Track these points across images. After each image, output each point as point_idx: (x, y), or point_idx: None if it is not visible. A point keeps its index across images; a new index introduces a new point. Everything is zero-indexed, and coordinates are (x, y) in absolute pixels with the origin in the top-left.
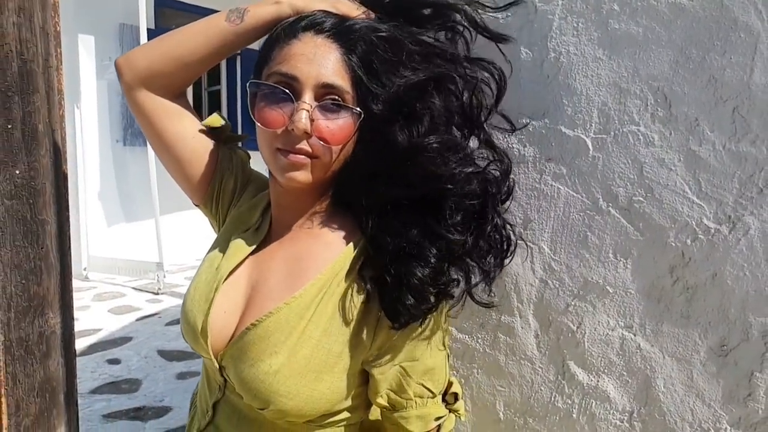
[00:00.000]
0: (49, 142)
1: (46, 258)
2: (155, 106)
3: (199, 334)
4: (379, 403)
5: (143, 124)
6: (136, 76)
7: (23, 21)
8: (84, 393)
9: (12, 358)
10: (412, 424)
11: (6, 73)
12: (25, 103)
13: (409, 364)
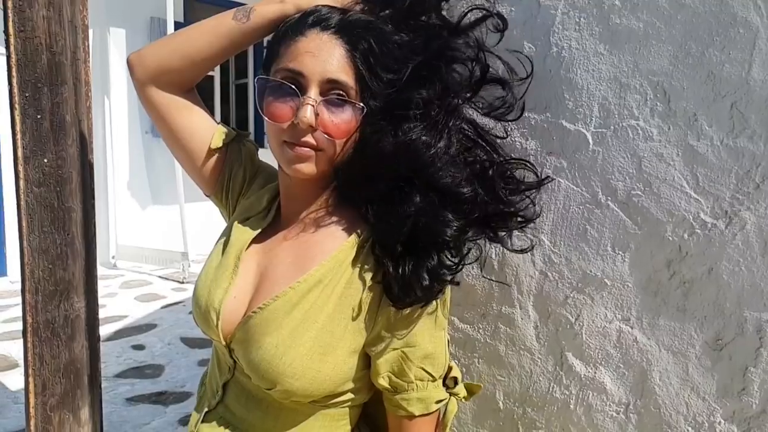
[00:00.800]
0: (76, 133)
1: (72, 244)
2: (165, 101)
3: (210, 318)
4: (381, 385)
5: (155, 119)
6: (147, 73)
7: (53, 15)
8: (109, 377)
9: (39, 340)
10: (413, 405)
11: (36, 66)
12: (53, 94)
13: (409, 349)
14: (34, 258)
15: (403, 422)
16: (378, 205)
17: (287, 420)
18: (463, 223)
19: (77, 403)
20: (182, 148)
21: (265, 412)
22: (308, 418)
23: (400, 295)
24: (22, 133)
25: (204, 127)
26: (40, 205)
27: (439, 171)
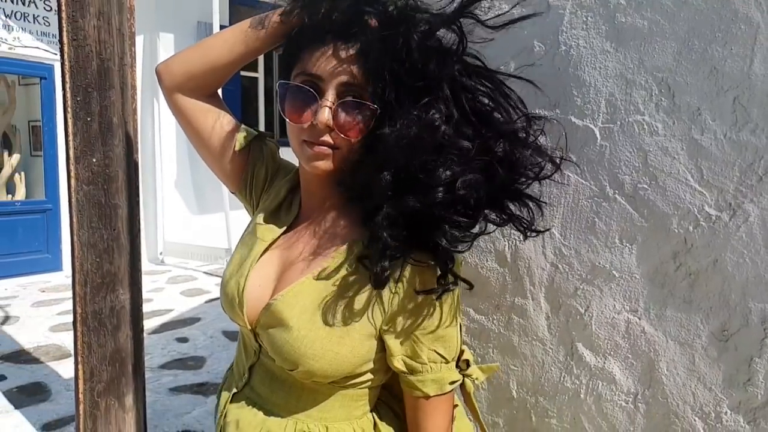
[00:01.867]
0: (122, 134)
1: (118, 239)
2: (191, 105)
3: (237, 305)
4: (396, 367)
5: (182, 123)
6: (174, 81)
7: (102, 24)
8: (154, 367)
9: (87, 329)
10: (428, 386)
11: (87, 71)
12: (102, 98)
13: (421, 333)
14: (83, 252)
15: (419, 403)
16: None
17: (308, 400)
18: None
19: (122, 389)
20: (208, 149)
21: (288, 392)
22: (328, 398)
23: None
24: (73, 135)
25: (227, 128)
26: (88, 202)
27: (421, 165)
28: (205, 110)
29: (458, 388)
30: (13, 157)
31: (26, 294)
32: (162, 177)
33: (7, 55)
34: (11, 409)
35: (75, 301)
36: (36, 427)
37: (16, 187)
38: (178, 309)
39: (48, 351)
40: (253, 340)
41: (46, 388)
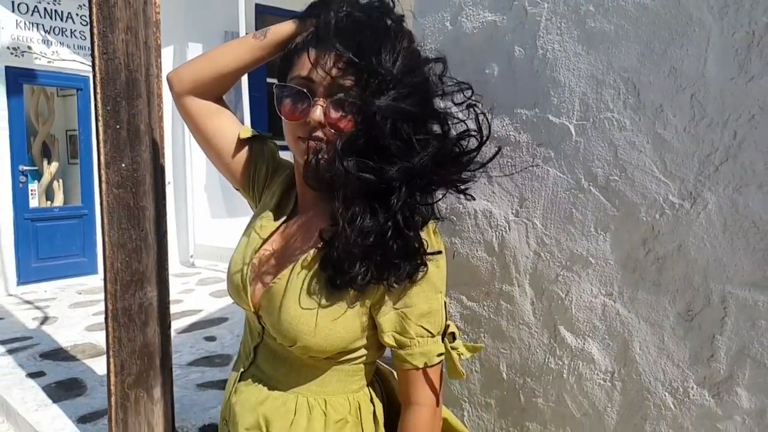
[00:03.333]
0: (149, 140)
1: (146, 239)
2: (198, 108)
3: (242, 291)
4: (387, 342)
5: (190, 125)
6: (183, 87)
7: (130, 38)
8: (182, 364)
9: (118, 325)
10: (417, 359)
11: (116, 83)
12: (130, 107)
13: (408, 309)
14: (113, 251)
15: (410, 374)
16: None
17: (308, 375)
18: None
19: (150, 382)
20: (213, 149)
21: (289, 368)
22: (326, 373)
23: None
24: (104, 142)
25: (232, 130)
26: (118, 205)
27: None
28: (211, 112)
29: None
30: (52, 165)
31: (64, 296)
32: (192, 183)
33: (47, 69)
34: (50, 402)
35: (106, 298)
36: (72, 419)
37: (55, 193)
38: (207, 309)
39: (84, 349)
40: (256, 322)
41: (82, 383)
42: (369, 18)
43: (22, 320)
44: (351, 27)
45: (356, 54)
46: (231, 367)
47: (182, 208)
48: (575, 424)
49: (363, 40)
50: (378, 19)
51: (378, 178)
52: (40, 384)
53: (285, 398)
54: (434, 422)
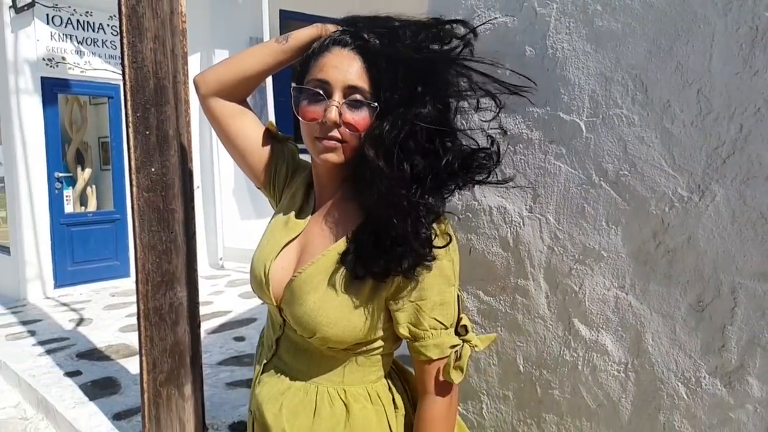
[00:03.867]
0: (177, 145)
1: (175, 241)
2: (223, 110)
3: (264, 285)
4: (402, 334)
5: (215, 126)
6: (209, 89)
7: (158, 46)
8: (212, 364)
9: (149, 324)
10: (431, 351)
11: (145, 90)
12: (159, 113)
13: (422, 302)
14: (144, 253)
15: (425, 365)
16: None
17: (327, 366)
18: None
19: (181, 380)
20: (236, 148)
21: (309, 359)
22: (344, 363)
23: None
24: (134, 147)
25: (254, 131)
26: (149, 208)
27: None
28: (234, 114)
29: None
30: (85, 172)
31: (98, 298)
32: (220, 187)
33: (80, 78)
34: (86, 400)
35: (138, 299)
36: (108, 416)
37: (89, 199)
38: (236, 310)
39: (118, 349)
40: (278, 315)
41: (117, 382)
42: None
43: (59, 322)
44: (371, 32)
45: (370, 57)
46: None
47: (211, 212)
48: (590, 414)
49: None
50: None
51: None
52: (77, 383)
53: (306, 388)
54: (449, 412)
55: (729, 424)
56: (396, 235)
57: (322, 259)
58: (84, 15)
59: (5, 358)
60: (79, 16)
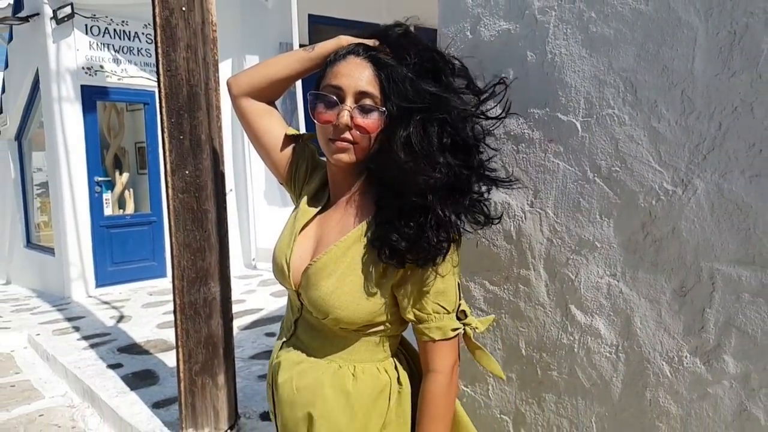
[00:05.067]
0: (210, 149)
1: (209, 239)
2: (252, 110)
3: (285, 272)
4: (408, 317)
5: (244, 123)
6: (240, 91)
7: (190, 55)
8: (245, 358)
9: (185, 317)
10: (434, 332)
11: (179, 97)
12: (192, 118)
13: (426, 289)
14: (180, 251)
15: (428, 346)
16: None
17: (340, 344)
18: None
19: (215, 370)
20: (263, 146)
21: (324, 339)
22: (355, 343)
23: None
24: (169, 151)
25: (279, 131)
26: (184, 208)
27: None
28: (262, 114)
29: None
30: (123, 176)
31: (137, 297)
32: (253, 189)
33: (117, 85)
34: (128, 390)
35: (174, 294)
36: (147, 405)
37: (126, 202)
38: (268, 308)
39: (156, 344)
40: (296, 299)
41: (155, 374)
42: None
43: (101, 318)
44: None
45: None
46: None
47: (245, 215)
48: (585, 393)
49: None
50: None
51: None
52: (118, 374)
53: (320, 363)
54: (449, 387)
55: (708, 399)
56: (418, 230)
57: (335, 249)
58: (120, 24)
59: (53, 351)
60: (115, 25)
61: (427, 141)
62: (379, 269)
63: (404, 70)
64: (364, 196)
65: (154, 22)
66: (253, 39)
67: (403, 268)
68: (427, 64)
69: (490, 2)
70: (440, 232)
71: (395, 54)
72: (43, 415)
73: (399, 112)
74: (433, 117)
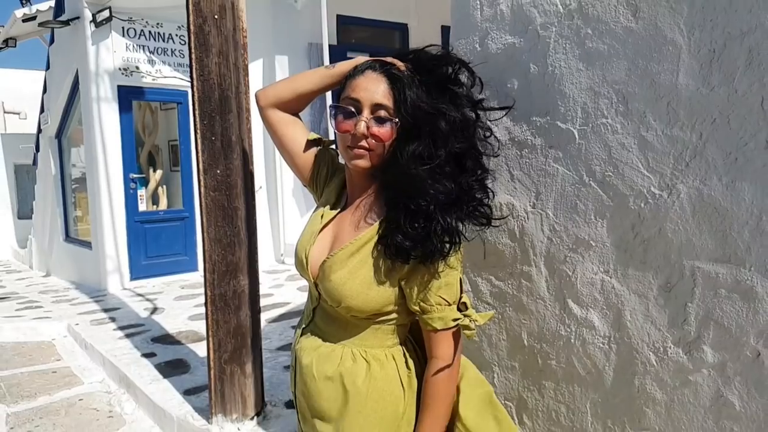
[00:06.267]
0: (240, 149)
1: (238, 235)
2: (277, 119)
3: (305, 265)
4: (413, 308)
5: (271, 132)
6: (268, 102)
7: (222, 61)
8: (272, 349)
9: (216, 309)
10: (436, 322)
11: (211, 100)
12: (223, 120)
13: (429, 283)
14: (211, 246)
15: (431, 334)
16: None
17: (352, 331)
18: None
19: (243, 358)
20: (288, 152)
21: (338, 325)
22: (366, 329)
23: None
24: (201, 152)
25: (303, 138)
26: (215, 206)
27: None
28: (287, 123)
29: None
30: (157, 173)
31: (169, 290)
32: (282, 187)
33: (151, 86)
34: (161, 378)
35: (206, 286)
36: (179, 391)
37: (160, 198)
38: (295, 302)
39: (187, 335)
40: (314, 289)
41: (187, 363)
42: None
43: (136, 310)
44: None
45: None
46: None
47: (274, 212)
48: (581, 380)
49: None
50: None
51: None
52: (152, 363)
53: (334, 347)
54: (450, 372)
55: (689, 386)
56: (422, 232)
57: (349, 246)
58: (155, 26)
59: (91, 340)
60: (151, 27)
61: (435, 151)
62: (387, 264)
63: (416, 85)
64: (378, 198)
65: (188, 30)
66: (283, 40)
67: (408, 264)
68: (440, 79)
69: (497, 18)
70: (444, 236)
71: (414, 68)
72: (83, 400)
73: (410, 123)
74: (441, 128)
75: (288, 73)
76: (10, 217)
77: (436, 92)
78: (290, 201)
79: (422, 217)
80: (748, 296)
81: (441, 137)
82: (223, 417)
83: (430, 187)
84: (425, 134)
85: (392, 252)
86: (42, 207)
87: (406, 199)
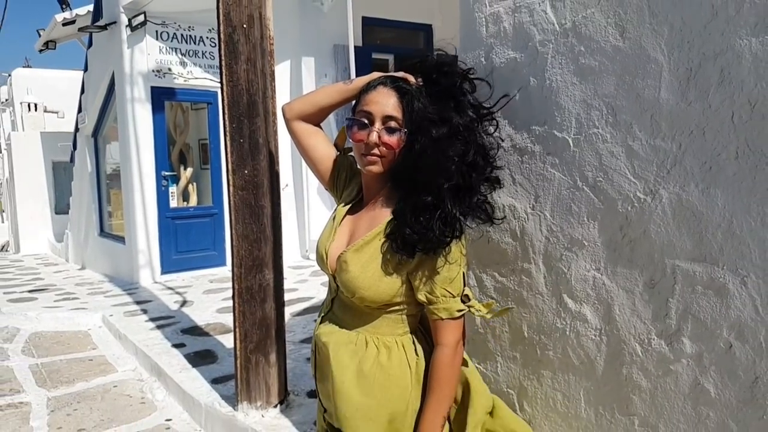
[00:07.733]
0: (266, 151)
1: (264, 231)
2: (302, 129)
3: (324, 259)
4: (420, 299)
5: (295, 141)
6: (293, 115)
7: (250, 67)
8: (296, 341)
9: (242, 301)
10: (441, 312)
11: (239, 105)
12: (250, 124)
13: (435, 276)
14: (239, 242)
15: (437, 324)
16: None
17: (366, 319)
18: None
19: (267, 349)
20: (311, 159)
21: (353, 314)
22: (378, 318)
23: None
24: (230, 153)
25: (324, 146)
26: (243, 204)
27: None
28: (311, 133)
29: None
30: (187, 171)
31: (198, 284)
32: (308, 186)
33: (183, 86)
34: (190, 367)
35: (233, 280)
36: (207, 380)
37: (190, 195)
38: (318, 297)
39: (215, 327)
40: (333, 281)
41: (215, 354)
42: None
43: (166, 303)
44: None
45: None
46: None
47: (300, 209)
48: (575, 370)
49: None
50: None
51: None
52: (182, 353)
53: (349, 334)
54: (454, 358)
55: (670, 375)
56: (424, 228)
57: (362, 241)
58: (187, 29)
59: (124, 330)
60: (183, 30)
61: (441, 151)
62: (396, 258)
63: (424, 96)
64: (389, 199)
65: (218, 38)
66: (310, 40)
67: (413, 258)
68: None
69: (500, 34)
70: (445, 227)
71: (424, 80)
72: (117, 387)
73: (418, 131)
74: (446, 133)
75: (314, 74)
76: (47, 212)
77: (443, 101)
78: (315, 199)
79: (428, 210)
80: (721, 293)
81: (447, 138)
82: (248, 404)
83: (437, 176)
84: (432, 138)
85: (399, 245)
86: (78, 203)
87: (414, 194)
